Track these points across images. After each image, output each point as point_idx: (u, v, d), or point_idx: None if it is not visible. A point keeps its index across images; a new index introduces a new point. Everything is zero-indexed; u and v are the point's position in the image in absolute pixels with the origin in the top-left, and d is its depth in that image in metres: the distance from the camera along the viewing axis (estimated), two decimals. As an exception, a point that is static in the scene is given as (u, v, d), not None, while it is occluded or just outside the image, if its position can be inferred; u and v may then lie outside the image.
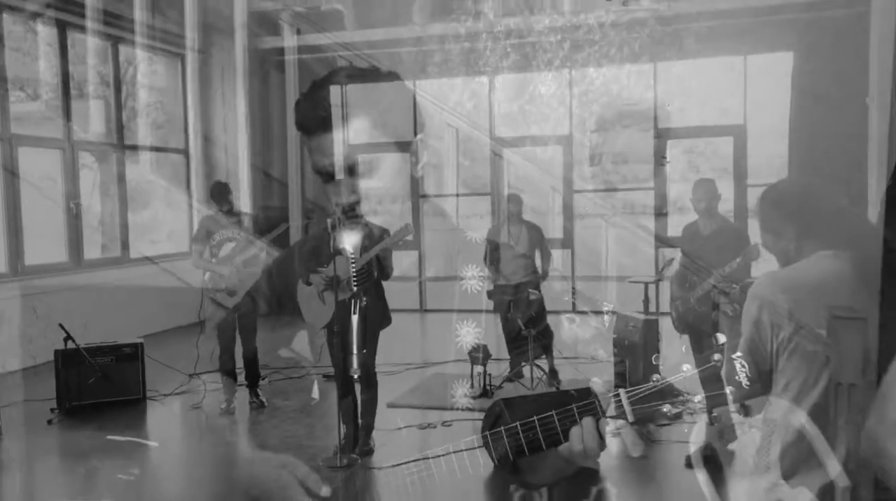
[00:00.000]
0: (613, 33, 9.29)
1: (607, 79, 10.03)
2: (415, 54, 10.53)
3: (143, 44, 10.05)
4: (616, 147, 11.40)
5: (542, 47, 9.92)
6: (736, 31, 9.24)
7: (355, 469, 4.90)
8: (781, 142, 9.30)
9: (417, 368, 7.49)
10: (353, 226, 4.93)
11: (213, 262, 6.09)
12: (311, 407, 6.49)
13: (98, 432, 5.72)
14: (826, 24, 8.95)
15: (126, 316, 8.69)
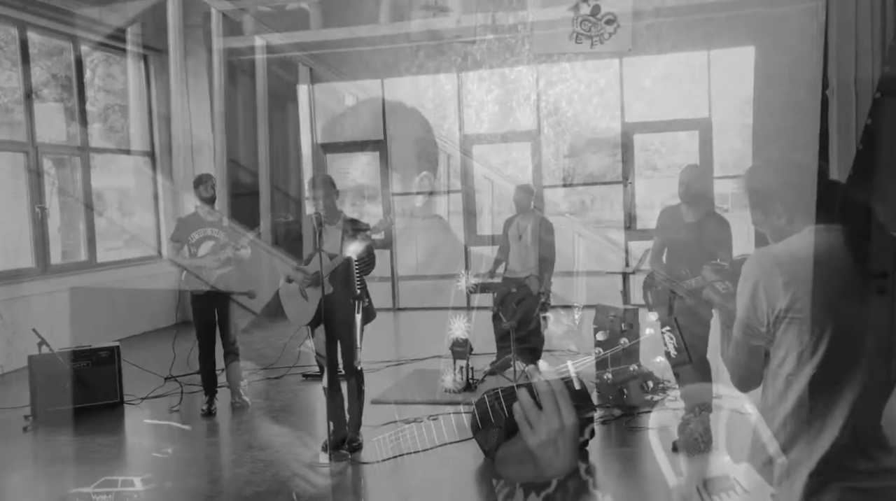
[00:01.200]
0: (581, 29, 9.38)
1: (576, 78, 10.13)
2: (380, 53, 10.52)
3: (105, 44, 9.86)
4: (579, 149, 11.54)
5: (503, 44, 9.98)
6: (698, 26, 9.41)
7: (345, 465, 4.88)
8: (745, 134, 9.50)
9: (396, 365, 7.49)
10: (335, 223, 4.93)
11: (190, 260, 6.02)
12: (293, 406, 6.44)
13: (75, 438, 5.61)
14: (785, 18, 9.16)
15: (95, 321, 8.53)
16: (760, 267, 1.93)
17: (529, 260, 6.62)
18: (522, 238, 6.67)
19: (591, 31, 8.43)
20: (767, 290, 1.89)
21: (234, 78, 10.74)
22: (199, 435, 5.78)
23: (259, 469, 4.83)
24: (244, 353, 6.53)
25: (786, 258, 1.91)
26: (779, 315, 1.88)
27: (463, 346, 6.40)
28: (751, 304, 1.93)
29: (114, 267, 9.77)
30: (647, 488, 4.63)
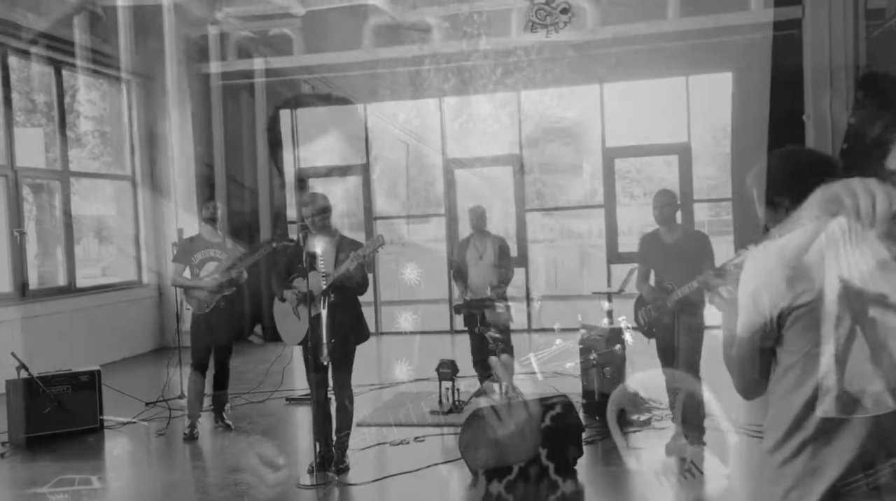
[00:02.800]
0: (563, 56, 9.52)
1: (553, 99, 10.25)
2: (364, 78, 10.59)
3: (86, 68, 9.83)
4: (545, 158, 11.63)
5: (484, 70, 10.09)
6: (677, 53, 9.59)
7: (331, 487, 4.81)
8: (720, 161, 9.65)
9: (380, 388, 7.44)
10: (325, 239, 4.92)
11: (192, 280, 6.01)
12: (277, 429, 6.36)
13: (54, 464, 5.49)
14: (762, 45, 9.36)
15: (74, 347, 8.41)
16: (762, 262, 1.89)
17: (491, 280, 6.68)
18: (484, 258, 6.74)
19: (547, 21, 8.53)
20: (770, 286, 1.84)
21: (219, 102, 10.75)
22: (182, 459, 5.68)
23: (244, 493, 4.75)
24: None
25: (788, 252, 1.85)
26: (783, 311, 1.83)
27: (449, 368, 6.38)
28: (753, 303, 1.88)
29: (93, 293, 9.65)
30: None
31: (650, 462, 5.06)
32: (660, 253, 5.15)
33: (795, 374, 1.85)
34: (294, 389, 7.38)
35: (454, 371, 6.39)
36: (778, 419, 1.89)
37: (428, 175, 14.18)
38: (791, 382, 1.86)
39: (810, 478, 1.79)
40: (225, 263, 6.03)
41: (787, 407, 1.86)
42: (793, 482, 1.82)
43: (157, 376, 8.07)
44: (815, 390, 1.81)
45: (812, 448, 1.81)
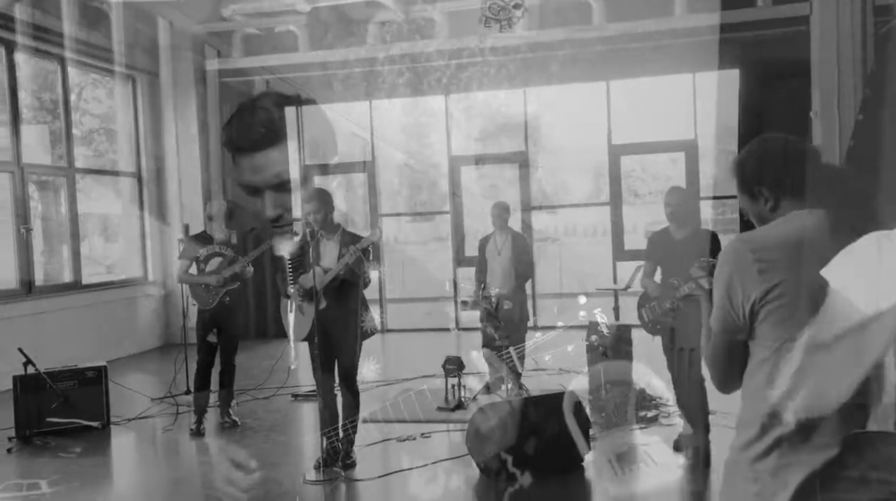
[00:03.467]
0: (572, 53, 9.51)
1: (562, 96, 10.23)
2: (366, 75, 10.58)
3: (92, 65, 9.84)
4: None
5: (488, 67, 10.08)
6: (684, 49, 9.55)
7: (338, 482, 4.81)
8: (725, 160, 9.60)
9: (386, 385, 7.43)
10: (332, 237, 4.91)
11: (196, 276, 6.03)
12: (283, 425, 6.36)
13: (60, 459, 5.49)
14: (770, 42, 9.33)
15: (80, 343, 8.41)
16: (735, 254, 1.84)
17: (509, 276, 6.62)
18: (502, 254, 6.68)
19: (500, 15, 8.51)
20: (743, 278, 1.80)
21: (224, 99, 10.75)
22: (189, 455, 5.68)
23: (251, 487, 4.74)
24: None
25: (762, 244, 1.82)
26: (754, 304, 1.79)
27: (455, 364, 6.36)
28: (726, 294, 1.84)
29: (99, 290, 9.66)
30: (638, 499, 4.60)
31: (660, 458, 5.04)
32: (668, 250, 5.12)
33: (767, 369, 1.80)
34: (299, 385, 7.37)
35: (460, 367, 6.38)
36: (750, 415, 1.84)
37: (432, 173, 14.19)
38: (763, 377, 1.81)
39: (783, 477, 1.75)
40: (229, 258, 6.05)
41: (759, 403, 1.81)
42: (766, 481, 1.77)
43: (162, 373, 8.07)
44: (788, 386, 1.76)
45: (786, 445, 1.76)
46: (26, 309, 8.23)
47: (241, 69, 10.75)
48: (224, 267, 6.01)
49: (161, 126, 10.62)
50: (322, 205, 4.89)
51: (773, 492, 1.75)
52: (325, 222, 4.90)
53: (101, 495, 4.95)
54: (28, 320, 8.06)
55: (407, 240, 20.34)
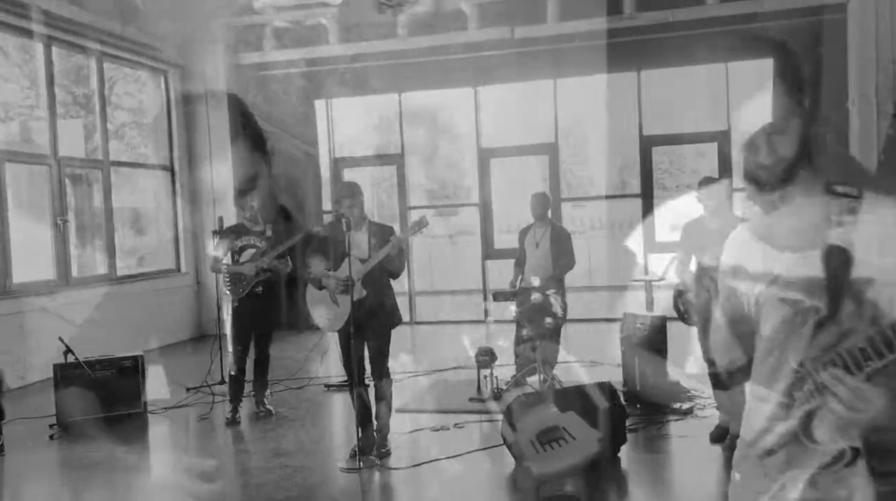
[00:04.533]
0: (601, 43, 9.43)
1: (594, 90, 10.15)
2: (398, 67, 10.59)
3: (126, 59, 9.96)
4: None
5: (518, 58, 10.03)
6: (717, 39, 9.44)
7: (374, 471, 4.84)
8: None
9: (417, 375, 7.45)
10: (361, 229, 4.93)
11: (229, 267, 6.09)
12: (317, 415, 6.41)
13: (100, 446, 5.59)
14: (804, 31, 9.20)
15: (115, 334, 8.52)
16: (740, 242, 1.82)
17: (546, 269, 6.57)
18: (540, 246, 6.63)
19: (392, 1, 8.46)
20: (748, 267, 1.78)
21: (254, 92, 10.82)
22: (226, 443, 5.75)
23: (288, 475, 4.80)
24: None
25: (768, 233, 1.79)
26: (759, 295, 1.76)
27: (488, 355, 6.37)
28: (732, 283, 1.82)
29: (133, 281, 9.80)
30: (677, 493, 4.57)
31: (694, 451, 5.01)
32: (703, 240, 5.07)
33: (773, 361, 1.76)
34: (332, 376, 7.43)
35: (493, 358, 6.38)
36: (757, 409, 1.80)
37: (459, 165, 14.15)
38: (768, 370, 1.77)
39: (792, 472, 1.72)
40: (262, 249, 6.10)
41: (765, 397, 1.77)
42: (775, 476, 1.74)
43: (195, 363, 8.17)
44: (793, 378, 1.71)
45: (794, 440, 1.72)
46: (64, 299, 8.37)
47: (272, 62, 10.81)
48: (257, 258, 6.06)
49: (193, 120, 10.72)
50: (356, 198, 4.93)
51: (783, 486, 1.73)
52: (356, 213, 4.93)
53: (142, 481, 5.04)
54: (65, 310, 8.20)
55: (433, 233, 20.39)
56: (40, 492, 4.88)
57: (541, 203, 6.68)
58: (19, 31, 8.35)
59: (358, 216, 4.93)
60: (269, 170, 10.72)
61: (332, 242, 4.97)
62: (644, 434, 5.34)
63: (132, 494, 4.82)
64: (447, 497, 4.50)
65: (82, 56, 9.43)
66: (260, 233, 6.18)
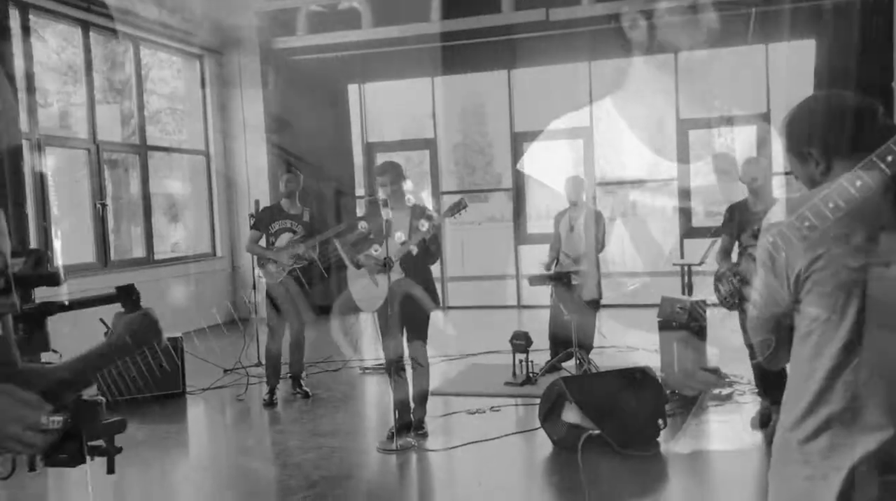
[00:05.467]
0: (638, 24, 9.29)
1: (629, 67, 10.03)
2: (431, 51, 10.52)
3: (162, 44, 10.04)
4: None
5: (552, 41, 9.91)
6: (757, 19, 9.24)
7: (411, 453, 4.85)
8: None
9: (451, 360, 7.44)
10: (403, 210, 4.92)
11: (265, 250, 6.12)
12: (353, 397, 6.45)
13: (143, 426, 5.67)
14: (847, 10, 8.96)
15: (154, 316, 8.63)
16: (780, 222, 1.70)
17: (580, 253, 6.54)
18: (574, 229, 6.59)
19: None
20: (787, 247, 1.67)
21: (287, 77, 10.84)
22: (263, 424, 5.81)
23: (326, 455, 4.83)
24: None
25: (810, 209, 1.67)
26: (799, 274, 1.65)
27: (523, 339, 6.34)
28: (770, 263, 1.71)
29: (170, 264, 9.91)
30: (716, 478, 4.52)
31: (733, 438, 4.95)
32: (747, 222, 4.99)
33: (813, 343, 1.68)
34: (368, 358, 7.46)
35: (528, 342, 6.35)
36: (797, 392, 1.71)
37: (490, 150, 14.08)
38: (810, 351, 1.68)
39: (835, 459, 1.63)
40: (300, 235, 6.09)
41: (807, 378, 1.68)
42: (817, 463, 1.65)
43: (231, 345, 8.24)
44: (836, 360, 1.64)
45: (837, 425, 1.64)
46: (102, 282, 8.48)
47: (306, 47, 10.82)
48: (294, 243, 6.06)
49: (228, 104, 10.79)
50: (395, 176, 4.91)
51: (825, 475, 1.64)
52: (396, 193, 4.92)
53: (184, 460, 5.11)
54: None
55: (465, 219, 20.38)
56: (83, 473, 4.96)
57: (575, 186, 6.65)
58: (57, 16, 8.45)
59: (396, 195, 4.92)
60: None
61: (372, 223, 4.98)
62: (683, 419, 5.28)
63: (176, 473, 4.89)
64: (484, 480, 4.50)
65: (118, 42, 9.52)
66: (297, 217, 6.19)
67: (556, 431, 4.76)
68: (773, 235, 1.72)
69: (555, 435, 4.77)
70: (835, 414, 1.65)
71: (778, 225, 1.72)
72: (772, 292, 1.74)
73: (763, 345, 1.86)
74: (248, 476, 4.70)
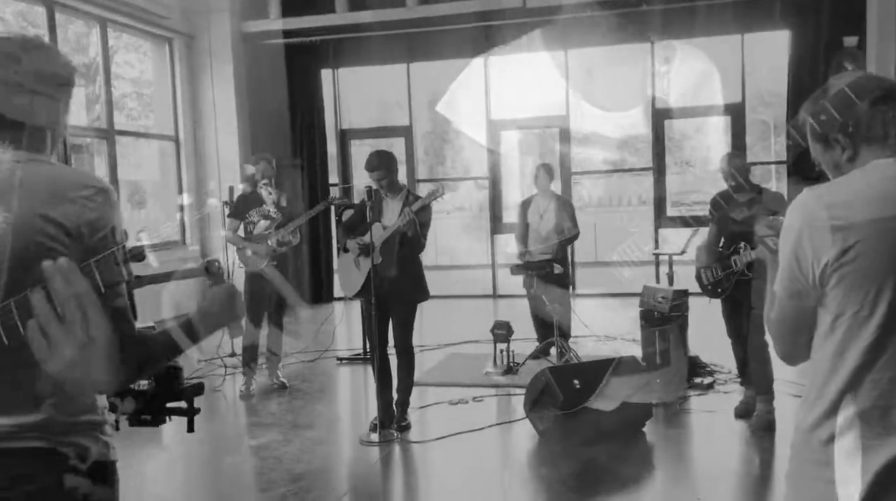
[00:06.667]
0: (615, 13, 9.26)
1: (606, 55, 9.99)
2: (406, 37, 10.39)
3: (130, 26, 9.76)
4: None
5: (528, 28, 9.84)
6: (734, 9, 9.27)
7: (393, 444, 4.77)
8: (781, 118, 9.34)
9: (430, 349, 7.37)
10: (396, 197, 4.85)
11: (244, 239, 5.97)
12: (331, 388, 6.35)
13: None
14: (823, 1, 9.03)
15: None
16: (805, 209, 1.63)
17: (553, 241, 6.51)
18: (545, 217, 6.56)
19: None
20: (813, 237, 1.60)
21: (260, 61, 10.63)
22: (241, 415, 5.68)
23: (308, 448, 4.73)
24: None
25: (837, 198, 1.61)
26: (826, 267, 1.59)
27: (504, 329, 6.29)
28: (794, 255, 1.64)
29: (138, 252, 9.66)
30: (701, 467, 4.51)
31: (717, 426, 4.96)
32: (732, 212, 4.98)
33: (838, 338, 1.62)
34: (343, 349, 7.35)
35: (509, 332, 6.30)
36: (820, 390, 1.65)
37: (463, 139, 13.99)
38: (835, 347, 1.62)
39: (860, 461, 1.57)
40: (278, 221, 5.98)
41: (831, 375, 1.63)
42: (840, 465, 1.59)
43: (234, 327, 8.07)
44: (864, 357, 1.58)
45: (863, 425, 1.58)
46: (70, 270, 8.24)
47: (279, 31, 10.60)
48: (271, 230, 5.93)
49: (198, 89, 10.54)
50: (386, 166, 4.82)
51: (848, 478, 1.57)
52: (391, 183, 4.84)
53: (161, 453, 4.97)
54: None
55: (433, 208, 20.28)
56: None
57: (546, 174, 6.62)
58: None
59: (390, 185, 4.85)
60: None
61: (360, 209, 4.92)
62: (666, 408, 5.27)
63: (152, 467, 4.74)
64: (468, 471, 4.44)
65: (84, 23, 9.23)
66: (274, 203, 6.06)
67: (543, 421, 4.71)
68: (799, 224, 1.65)
69: (541, 426, 4.72)
70: (861, 414, 1.59)
71: (804, 213, 1.66)
72: (795, 284, 1.67)
73: (785, 343, 1.80)
74: (229, 470, 4.59)
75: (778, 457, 4.45)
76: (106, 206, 1.55)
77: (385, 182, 4.79)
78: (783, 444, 4.51)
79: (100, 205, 1.53)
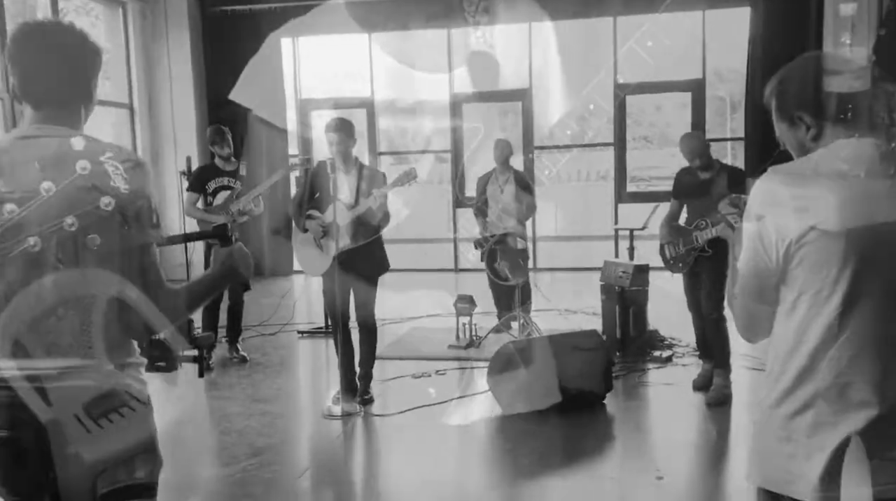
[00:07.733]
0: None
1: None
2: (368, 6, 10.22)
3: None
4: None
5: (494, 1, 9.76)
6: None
7: (356, 418, 4.76)
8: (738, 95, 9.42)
9: (391, 323, 7.34)
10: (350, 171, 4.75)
11: (204, 211, 5.83)
12: (291, 361, 6.29)
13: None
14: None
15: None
16: (769, 189, 1.64)
17: (512, 213, 6.52)
18: (504, 191, 6.57)
19: None
20: (777, 217, 1.61)
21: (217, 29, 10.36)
22: (200, 389, 5.60)
23: (269, 422, 4.69)
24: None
25: (801, 178, 1.62)
26: (790, 246, 1.60)
27: (467, 302, 6.29)
28: (757, 233, 1.65)
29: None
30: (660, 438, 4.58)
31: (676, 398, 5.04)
32: (694, 188, 5.02)
33: (800, 316, 1.64)
34: (304, 322, 7.28)
35: (472, 305, 6.31)
36: (781, 367, 1.68)
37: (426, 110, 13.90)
38: (796, 325, 1.65)
39: (820, 437, 1.60)
40: (237, 191, 5.87)
41: (793, 353, 1.65)
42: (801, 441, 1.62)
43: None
44: (824, 336, 1.61)
45: (823, 402, 1.61)
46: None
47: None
48: (232, 200, 5.81)
49: (154, 56, 10.24)
50: (347, 135, 4.71)
51: (809, 454, 1.61)
52: (346, 152, 4.73)
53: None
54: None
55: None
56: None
57: (504, 149, 6.61)
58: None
59: (345, 155, 4.72)
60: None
61: (320, 183, 4.78)
62: (626, 381, 5.34)
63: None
64: (431, 444, 4.45)
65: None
66: (233, 173, 5.93)
67: (505, 394, 4.74)
68: (763, 203, 1.66)
69: (503, 400, 4.75)
70: (820, 391, 1.61)
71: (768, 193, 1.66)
72: (758, 262, 1.68)
73: (747, 320, 1.81)
74: (189, 444, 4.52)
75: (734, 429, 4.55)
76: (143, 177, 1.75)
77: (342, 148, 4.67)
78: (739, 416, 4.63)
79: (139, 176, 1.74)
